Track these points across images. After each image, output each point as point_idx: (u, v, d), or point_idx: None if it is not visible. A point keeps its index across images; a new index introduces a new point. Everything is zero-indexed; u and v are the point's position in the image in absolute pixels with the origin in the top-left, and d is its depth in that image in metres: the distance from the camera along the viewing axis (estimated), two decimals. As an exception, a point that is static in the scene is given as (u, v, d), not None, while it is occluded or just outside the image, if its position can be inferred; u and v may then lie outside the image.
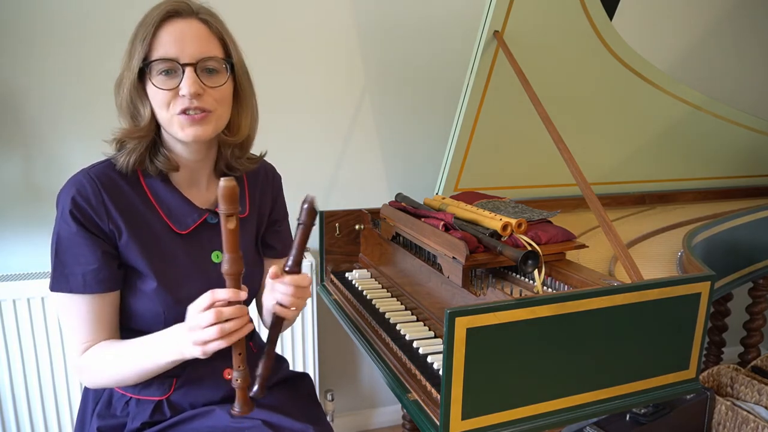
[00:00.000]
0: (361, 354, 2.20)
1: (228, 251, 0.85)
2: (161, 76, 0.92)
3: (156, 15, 0.92)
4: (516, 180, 1.87)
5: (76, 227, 0.94)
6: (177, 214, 1.02)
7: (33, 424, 1.72)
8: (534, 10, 1.51)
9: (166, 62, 0.92)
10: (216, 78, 0.96)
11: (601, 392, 1.00)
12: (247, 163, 1.09)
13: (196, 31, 0.94)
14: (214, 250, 1.05)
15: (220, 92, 0.96)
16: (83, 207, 0.94)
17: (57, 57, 1.68)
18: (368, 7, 1.94)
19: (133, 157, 0.97)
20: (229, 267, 0.86)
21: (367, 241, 1.65)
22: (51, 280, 0.96)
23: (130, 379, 0.98)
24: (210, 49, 0.94)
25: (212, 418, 1.02)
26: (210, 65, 0.94)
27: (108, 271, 0.96)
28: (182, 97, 0.92)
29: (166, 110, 0.94)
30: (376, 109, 2.04)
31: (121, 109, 0.98)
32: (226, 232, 0.84)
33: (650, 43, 2.28)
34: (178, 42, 0.92)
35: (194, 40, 0.93)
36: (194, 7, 0.96)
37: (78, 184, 0.95)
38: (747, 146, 2.14)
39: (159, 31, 0.92)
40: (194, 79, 0.92)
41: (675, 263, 1.38)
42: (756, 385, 1.95)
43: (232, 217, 0.83)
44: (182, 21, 0.93)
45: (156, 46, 0.92)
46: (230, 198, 0.82)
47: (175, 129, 0.95)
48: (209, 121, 0.96)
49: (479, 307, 0.87)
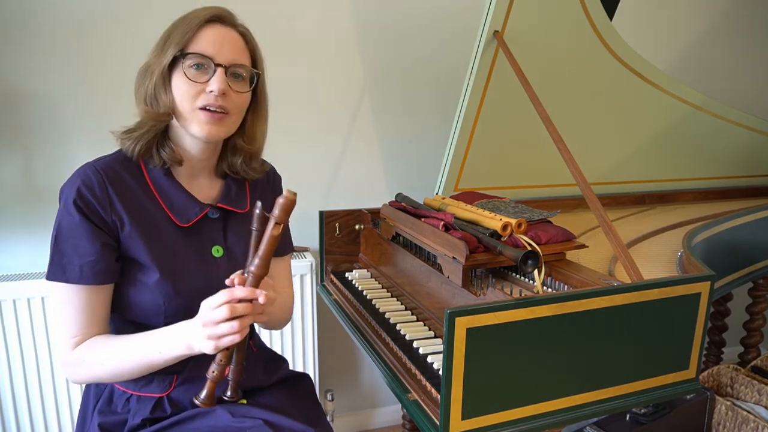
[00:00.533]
0: (361, 354, 2.20)
1: (264, 254, 0.90)
2: (193, 69, 0.97)
3: (202, 15, 0.99)
4: (516, 180, 1.87)
5: (79, 217, 0.95)
6: (179, 207, 1.03)
7: (33, 423, 1.72)
8: (534, 10, 1.51)
9: (202, 57, 0.97)
10: (241, 84, 1.02)
11: (601, 392, 1.00)
12: (252, 173, 1.14)
13: (234, 39, 1.01)
14: (215, 245, 1.07)
15: (241, 98, 1.03)
16: (87, 198, 0.96)
17: (59, 57, 1.68)
18: (368, 7, 1.94)
19: (140, 144, 1.00)
20: (258, 269, 0.91)
21: (367, 241, 1.65)
22: (48, 269, 0.97)
23: (130, 372, 0.97)
24: (242, 58, 1.02)
25: (213, 418, 1.02)
26: (239, 71, 1.01)
27: (105, 263, 0.96)
28: (209, 93, 0.98)
29: (188, 103, 0.98)
30: (376, 109, 2.04)
31: (140, 96, 1.01)
32: (270, 237, 0.89)
33: (650, 43, 2.28)
34: (217, 44, 0.98)
35: (231, 46, 1.00)
36: (236, 19, 1.04)
37: (83, 176, 0.97)
38: (747, 146, 2.14)
39: (201, 29, 0.98)
40: (223, 79, 0.98)
41: (675, 263, 1.38)
42: (756, 385, 1.95)
43: (281, 225, 0.89)
44: (224, 27, 1.01)
45: (195, 42, 0.98)
46: (289, 209, 0.89)
47: (193, 124, 0.99)
48: (225, 123, 1.01)
49: (479, 307, 0.87)
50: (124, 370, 0.97)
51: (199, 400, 0.93)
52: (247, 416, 1.01)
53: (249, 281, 0.92)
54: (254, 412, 1.03)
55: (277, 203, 0.89)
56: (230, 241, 1.09)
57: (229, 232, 1.09)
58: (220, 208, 1.08)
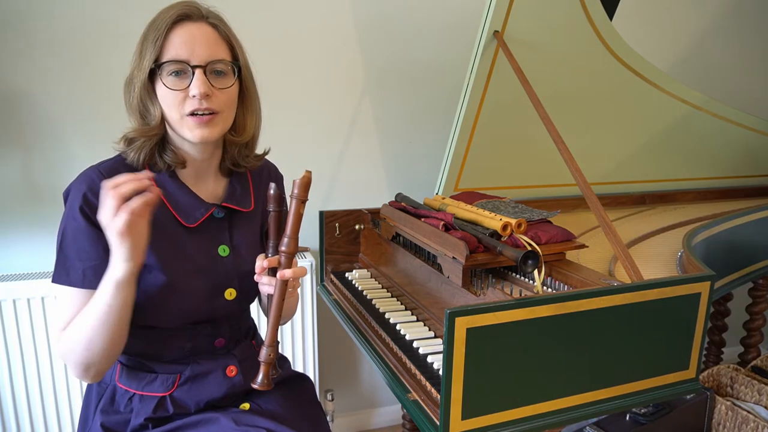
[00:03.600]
0: (361, 354, 2.20)
1: (292, 233, 0.96)
2: (171, 77, 0.95)
3: (167, 18, 0.95)
4: (516, 180, 1.87)
5: (84, 223, 0.95)
6: (185, 208, 1.03)
7: (33, 423, 1.72)
8: (534, 10, 1.51)
9: (177, 64, 0.95)
10: (224, 80, 0.99)
11: (601, 392, 1.00)
12: (253, 161, 1.12)
13: (206, 34, 0.97)
14: (221, 244, 1.07)
15: (228, 94, 1.00)
16: (93, 203, 0.95)
17: (59, 57, 1.68)
18: (368, 7, 1.94)
19: (143, 153, 1.00)
20: (289, 247, 0.97)
21: (367, 241, 1.65)
22: (54, 271, 0.98)
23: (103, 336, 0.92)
24: (219, 52, 0.98)
25: (216, 426, 1.01)
26: (218, 68, 0.98)
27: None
28: (192, 98, 0.95)
29: (176, 111, 0.97)
30: (376, 109, 2.04)
31: (131, 108, 1.00)
32: (296, 215, 0.95)
33: (650, 43, 2.28)
34: (189, 45, 0.95)
35: (204, 43, 0.96)
36: (204, 11, 0.99)
37: (89, 180, 0.97)
38: (747, 146, 2.14)
39: (170, 33, 0.95)
40: (203, 81, 0.95)
41: (675, 263, 1.38)
42: (756, 385, 1.95)
43: (304, 203, 0.95)
44: (193, 24, 0.97)
45: (167, 48, 0.95)
46: (308, 186, 0.95)
47: (185, 131, 0.98)
48: (216, 123, 0.99)
49: (479, 307, 0.87)
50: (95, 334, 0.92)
51: (256, 384, 0.96)
52: (251, 425, 1.01)
53: (283, 262, 0.96)
54: (258, 420, 1.03)
55: (295, 183, 0.94)
56: (236, 240, 1.09)
57: (234, 231, 1.09)
58: (225, 207, 1.08)
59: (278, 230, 1.03)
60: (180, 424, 1.03)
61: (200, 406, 1.06)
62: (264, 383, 0.96)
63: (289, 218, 0.96)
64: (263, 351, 0.95)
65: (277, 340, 0.98)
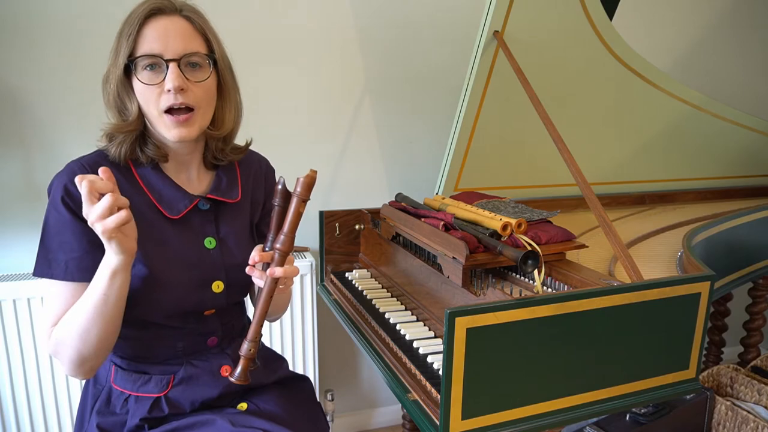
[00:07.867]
0: (361, 354, 2.20)
1: (289, 232, 0.95)
2: (146, 72, 0.95)
3: (140, 12, 0.95)
4: (516, 180, 1.87)
5: (67, 215, 0.95)
6: (168, 200, 1.03)
7: (33, 423, 1.72)
8: (534, 10, 1.51)
9: (151, 58, 0.94)
10: (199, 73, 0.98)
11: (601, 392, 1.00)
12: (231, 154, 1.11)
13: (180, 27, 0.97)
14: (207, 237, 1.06)
15: (204, 87, 0.99)
16: (75, 195, 0.94)
17: (58, 56, 1.68)
18: (368, 7, 1.94)
19: (124, 148, 1.00)
20: (284, 245, 0.95)
21: (367, 241, 1.65)
22: (35, 264, 0.97)
23: (99, 329, 0.92)
24: (193, 45, 0.97)
25: (213, 428, 1.01)
26: (193, 60, 0.97)
27: (91, 260, 0.96)
28: (167, 93, 0.95)
29: (153, 107, 0.96)
30: (376, 109, 2.04)
31: (108, 104, 1.00)
32: (296, 214, 0.94)
33: (650, 43, 2.28)
34: (162, 38, 0.94)
35: (178, 37, 0.96)
36: (177, 4, 0.99)
37: (70, 173, 0.97)
38: (747, 146, 2.14)
39: (143, 28, 0.95)
40: (178, 74, 0.95)
41: (675, 263, 1.38)
42: (756, 385, 1.95)
43: (305, 203, 0.94)
44: (166, 18, 0.96)
45: (141, 43, 0.95)
46: (311, 186, 0.94)
47: (162, 129, 0.98)
48: (194, 122, 0.99)
49: (479, 307, 0.87)
50: (91, 325, 0.92)
51: (233, 378, 0.95)
52: (248, 426, 1.00)
53: (276, 259, 0.94)
54: (255, 422, 1.02)
55: (299, 181, 0.92)
56: (222, 232, 1.08)
57: (221, 223, 1.09)
58: (210, 199, 1.07)
59: (279, 226, 1.02)
60: (176, 426, 1.02)
61: (195, 406, 1.05)
62: (241, 377, 0.95)
63: (288, 216, 0.95)
64: (244, 345, 0.95)
65: (261, 335, 0.97)
